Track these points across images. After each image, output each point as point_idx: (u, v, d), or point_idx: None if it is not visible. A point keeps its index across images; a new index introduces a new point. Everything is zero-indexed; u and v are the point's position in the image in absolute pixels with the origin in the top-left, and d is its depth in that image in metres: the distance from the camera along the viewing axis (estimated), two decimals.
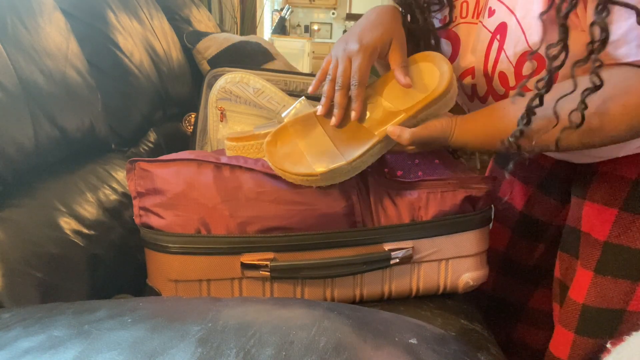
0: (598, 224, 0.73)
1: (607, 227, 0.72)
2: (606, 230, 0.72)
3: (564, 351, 0.77)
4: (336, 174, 0.67)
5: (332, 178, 0.68)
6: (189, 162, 0.70)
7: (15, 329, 0.42)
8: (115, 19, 1.13)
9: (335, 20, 6.57)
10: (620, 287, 0.71)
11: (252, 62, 1.57)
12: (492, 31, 0.67)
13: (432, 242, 0.74)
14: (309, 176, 0.67)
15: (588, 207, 0.75)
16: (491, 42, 0.67)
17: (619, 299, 0.72)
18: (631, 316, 0.72)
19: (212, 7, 2.90)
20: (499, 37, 0.66)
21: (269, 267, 0.69)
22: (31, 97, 0.74)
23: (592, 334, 0.74)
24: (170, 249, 0.68)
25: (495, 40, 0.67)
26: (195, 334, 0.40)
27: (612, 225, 0.71)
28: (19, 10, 0.78)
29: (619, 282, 0.71)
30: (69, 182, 0.82)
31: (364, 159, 0.68)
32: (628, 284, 0.71)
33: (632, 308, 0.71)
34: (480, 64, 0.70)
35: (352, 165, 0.67)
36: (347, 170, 0.68)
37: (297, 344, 0.39)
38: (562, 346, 0.78)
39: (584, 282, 0.74)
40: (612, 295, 0.72)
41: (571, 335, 0.76)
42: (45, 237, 0.70)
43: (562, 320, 0.78)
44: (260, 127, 0.85)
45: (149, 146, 1.21)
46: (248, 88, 1.09)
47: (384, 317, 0.50)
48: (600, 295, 0.73)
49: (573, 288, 0.77)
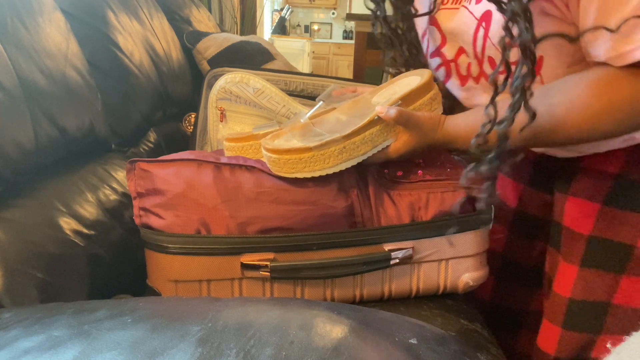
0: (581, 219, 0.74)
1: (590, 222, 0.73)
2: (590, 224, 0.73)
3: (551, 346, 0.78)
4: (330, 149, 0.66)
5: (328, 157, 0.67)
6: (189, 162, 0.70)
7: (15, 329, 0.42)
8: (115, 19, 1.13)
9: (335, 20, 6.57)
10: (605, 280, 0.72)
11: (252, 62, 1.57)
12: (478, 18, 0.67)
13: (432, 242, 0.74)
14: (302, 152, 0.66)
15: (570, 202, 0.76)
16: (477, 29, 0.68)
17: (603, 292, 0.73)
18: (616, 309, 0.72)
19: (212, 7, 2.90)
20: (484, 24, 0.66)
21: (269, 268, 0.69)
22: (31, 97, 0.74)
23: (578, 328, 0.75)
24: (170, 249, 0.68)
25: (480, 28, 0.67)
26: (195, 334, 0.40)
27: (595, 220, 0.72)
28: (19, 10, 0.78)
29: (603, 274, 0.72)
30: (69, 182, 0.82)
31: (357, 140, 0.68)
32: (612, 276, 0.72)
33: (616, 301, 0.72)
34: (469, 47, 0.71)
35: (347, 142, 0.67)
36: (341, 148, 0.67)
37: (297, 344, 0.39)
38: (549, 341, 0.78)
39: (569, 276, 0.75)
40: (597, 288, 0.73)
41: (558, 329, 0.77)
42: (45, 237, 0.70)
43: (549, 314, 0.79)
44: (260, 127, 0.85)
45: (149, 146, 1.21)
46: (248, 88, 1.09)
47: (384, 317, 0.50)
48: (586, 288, 0.74)
49: (558, 282, 0.77)
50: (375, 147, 0.70)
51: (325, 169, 0.68)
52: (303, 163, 0.68)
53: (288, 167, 0.68)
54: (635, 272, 0.71)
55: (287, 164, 0.68)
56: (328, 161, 0.68)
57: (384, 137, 0.70)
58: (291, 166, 0.68)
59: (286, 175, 0.69)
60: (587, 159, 0.74)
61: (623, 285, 0.72)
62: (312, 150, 0.66)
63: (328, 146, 0.67)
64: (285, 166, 0.68)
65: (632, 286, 0.71)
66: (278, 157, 0.68)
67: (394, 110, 0.67)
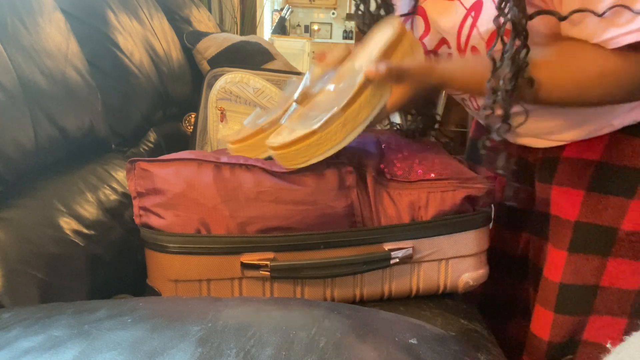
0: (567, 206, 0.76)
1: (576, 208, 0.75)
2: (576, 210, 0.75)
3: (545, 331, 0.80)
4: (333, 125, 0.66)
5: (334, 133, 0.66)
6: (189, 162, 0.70)
7: (15, 329, 0.42)
8: (115, 19, 1.13)
9: (335, 20, 6.57)
10: (592, 263, 0.75)
11: (252, 62, 1.57)
12: (468, 8, 0.68)
13: (432, 242, 0.74)
14: (308, 137, 0.66)
15: (555, 190, 0.78)
16: (465, 18, 0.68)
17: (591, 275, 0.76)
18: (604, 291, 0.75)
19: (212, 7, 2.90)
20: (474, 14, 0.67)
21: (269, 267, 0.69)
22: (31, 97, 0.74)
23: (570, 311, 0.77)
24: (170, 249, 0.68)
25: (469, 17, 0.68)
26: (195, 334, 0.40)
27: (580, 206, 0.75)
28: (19, 10, 0.78)
29: (590, 258, 0.75)
30: (69, 182, 0.82)
31: (355, 108, 0.67)
32: (598, 259, 0.75)
33: (604, 284, 0.75)
34: (453, 37, 0.72)
35: (347, 113, 0.66)
36: (343, 120, 0.66)
37: (297, 344, 0.39)
38: (543, 326, 0.80)
39: (559, 262, 0.77)
40: (585, 271, 0.76)
41: (551, 314, 0.79)
42: (45, 237, 0.70)
43: (541, 300, 0.81)
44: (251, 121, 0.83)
45: (149, 146, 1.21)
46: (248, 88, 1.09)
47: (384, 317, 0.50)
48: (575, 272, 0.76)
49: (548, 268, 0.80)
50: (374, 109, 0.69)
51: (334, 146, 0.68)
52: (313, 148, 0.67)
53: (300, 157, 0.68)
54: (620, 253, 0.74)
55: (298, 154, 0.68)
56: (335, 137, 0.67)
57: (379, 96, 0.69)
58: (302, 155, 0.68)
59: (301, 165, 0.68)
60: (568, 148, 0.76)
61: (609, 268, 0.75)
62: (317, 132, 0.66)
63: (330, 122, 0.66)
64: (296, 157, 0.68)
65: (618, 268, 0.74)
66: (287, 150, 0.68)
67: (383, 67, 0.66)
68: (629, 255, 0.73)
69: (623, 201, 0.72)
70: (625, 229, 0.73)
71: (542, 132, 0.77)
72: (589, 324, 0.77)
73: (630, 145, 0.72)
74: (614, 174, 0.73)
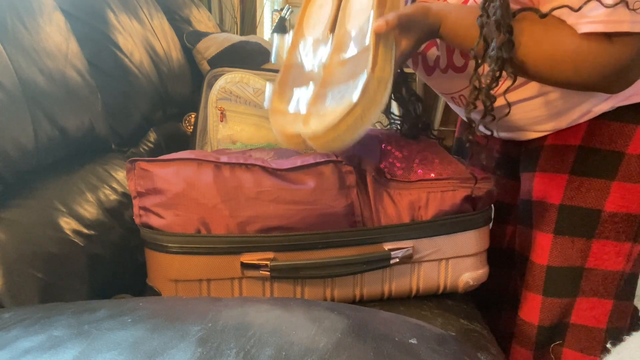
0: (551, 190, 0.78)
1: (560, 191, 0.77)
2: (560, 194, 0.77)
3: (534, 315, 0.81)
4: (370, 89, 0.63)
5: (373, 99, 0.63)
6: (189, 162, 0.70)
7: (15, 329, 0.42)
8: (115, 19, 1.13)
9: None
10: (577, 246, 0.77)
11: (252, 62, 1.56)
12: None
13: (432, 241, 0.74)
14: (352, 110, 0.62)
15: (539, 177, 0.80)
16: None
17: (577, 257, 0.77)
18: (590, 273, 0.77)
19: (212, 7, 2.90)
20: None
21: (269, 267, 0.69)
22: (31, 97, 0.74)
23: (558, 293, 0.79)
24: (170, 249, 0.68)
25: None
26: (195, 334, 0.40)
27: (564, 189, 0.77)
28: (19, 10, 0.78)
29: (576, 240, 0.77)
30: (69, 182, 0.82)
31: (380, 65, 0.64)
32: (583, 241, 0.77)
33: (589, 265, 0.77)
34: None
35: (376, 73, 0.63)
36: (377, 81, 0.63)
37: (297, 344, 0.39)
38: (531, 310, 0.81)
39: (545, 245, 0.79)
40: (571, 253, 0.77)
41: (539, 297, 0.80)
42: (45, 237, 0.70)
43: (529, 285, 0.82)
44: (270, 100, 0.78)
45: (149, 146, 1.21)
46: (248, 88, 1.09)
47: (384, 317, 0.50)
48: (561, 254, 0.78)
49: (535, 252, 0.81)
50: (392, 62, 0.67)
51: (378, 108, 0.64)
52: (360, 119, 0.63)
53: (350, 132, 0.63)
54: (604, 235, 0.76)
55: (348, 131, 0.63)
56: (375, 100, 0.64)
57: (390, 48, 0.67)
58: (353, 129, 0.63)
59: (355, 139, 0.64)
60: (551, 137, 0.78)
61: (594, 249, 0.76)
62: (359, 102, 0.62)
63: (367, 87, 0.63)
64: (347, 134, 0.63)
65: (602, 249, 0.76)
66: (336, 134, 0.63)
67: (393, 17, 0.64)
68: (612, 237, 0.75)
69: (605, 183, 0.74)
70: (608, 210, 0.74)
71: (526, 124, 0.78)
72: (576, 306, 0.79)
73: (609, 129, 0.74)
74: (596, 157, 0.75)
